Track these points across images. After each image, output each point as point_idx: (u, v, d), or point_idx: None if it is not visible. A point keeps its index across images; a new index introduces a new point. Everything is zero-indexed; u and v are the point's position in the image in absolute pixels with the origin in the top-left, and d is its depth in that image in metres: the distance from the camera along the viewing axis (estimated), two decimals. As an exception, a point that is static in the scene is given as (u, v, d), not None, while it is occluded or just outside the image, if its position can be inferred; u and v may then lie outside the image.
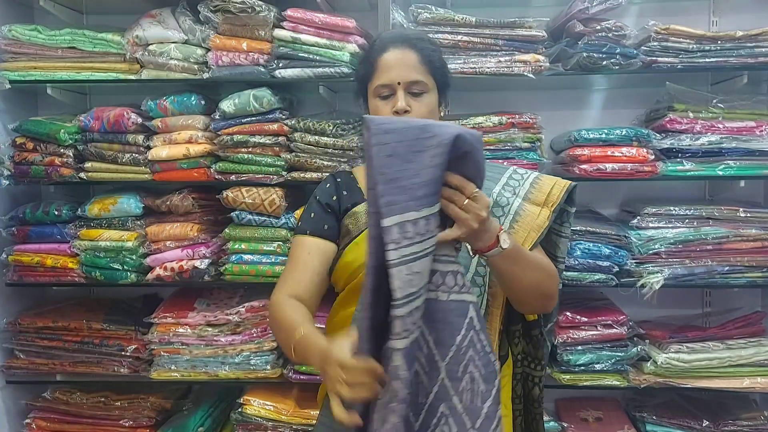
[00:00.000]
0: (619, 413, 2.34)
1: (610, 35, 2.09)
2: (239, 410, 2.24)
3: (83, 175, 2.27)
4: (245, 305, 2.22)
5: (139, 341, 2.27)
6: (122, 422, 2.28)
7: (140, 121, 2.21)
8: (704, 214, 2.18)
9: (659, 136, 2.15)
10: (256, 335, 2.22)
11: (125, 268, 2.24)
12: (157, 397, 2.35)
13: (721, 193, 2.44)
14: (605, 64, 2.08)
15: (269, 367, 2.22)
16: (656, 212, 2.19)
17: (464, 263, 1.29)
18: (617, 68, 2.09)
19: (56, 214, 2.27)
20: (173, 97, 2.21)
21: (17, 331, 2.32)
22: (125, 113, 2.20)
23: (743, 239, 2.15)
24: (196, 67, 2.19)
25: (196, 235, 2.21)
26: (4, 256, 2.28)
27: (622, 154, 2.12)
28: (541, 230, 1.36)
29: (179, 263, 2.20)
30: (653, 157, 2.13)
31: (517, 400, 1.53)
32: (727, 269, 2.14)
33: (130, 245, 2.21)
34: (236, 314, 2.22)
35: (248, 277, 2.21)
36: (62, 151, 2.24)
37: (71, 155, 2.25)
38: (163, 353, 2.24)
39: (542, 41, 2.16)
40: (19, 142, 2.28)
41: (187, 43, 2.20)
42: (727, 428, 2.19)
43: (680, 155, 2.14)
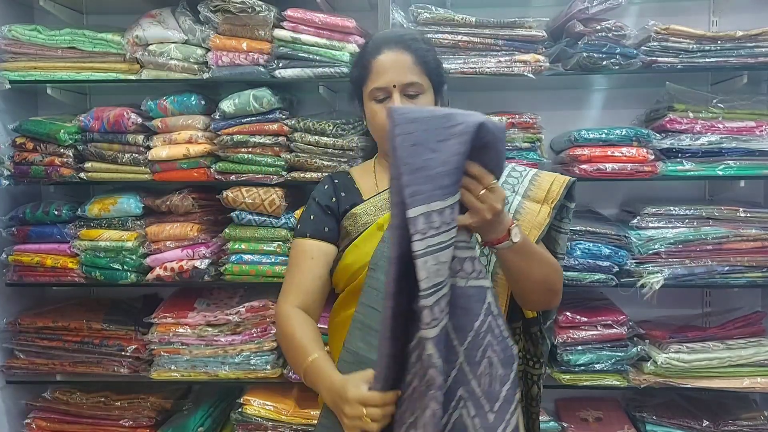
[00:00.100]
0: (619, 413, 2.34)
1: (610, 35, 2.09)
2: (239, 410, 2.24)
3: (83, 175, 2.27)
4: (245, 305, 2.22)
5: (139, 341, 2.27)
6: (122, 422, 2.28)
7: (140, 121, 2.21)
8: (704, 214, 2.18)
9: (659, 136, 2.15)
10: (256, 335, 2.22)
11: (125, 268, 2.24)
12: (157, 397, 2.35)
13: (721, 193, 2.44)
14: (605, 64, 2.08)
15: (269, 367, 2.22)
16: (656, 212, 2.19)
17: None
18: (617, 68, 2.09)
19: (56, 214, 2.27)
20: (173, 97, 2.21)
21: (17, 331, 2.32)
22: (125, 113, 2.20)
23: (743, 239, 2.15)
24: (196, 67, 2.19)
25: (196, 235, 2.21)
26: (4, 256, 2.28)
27: (622, 154, 2.12)
28: (542, 227, 1.35)
29: (179, 263, 2.20)
30: (653, 157, 2.13)
31: None
32: (727, 269, 2.14)
33: (130, 245, 2.21)
34: (236, 314, 2.22)
35: (248, 277, 2.21)
36: (62, 151, 2.24)
37: (71, 155, 2.25)
38: (163, 353, 2.24)
39: (542, 41, 2.16)
40: (19, 142, 2.28)
41: (187, 43, 2.21)
42: (727, 428, 2.19)
43: (680, 155, 2.14)
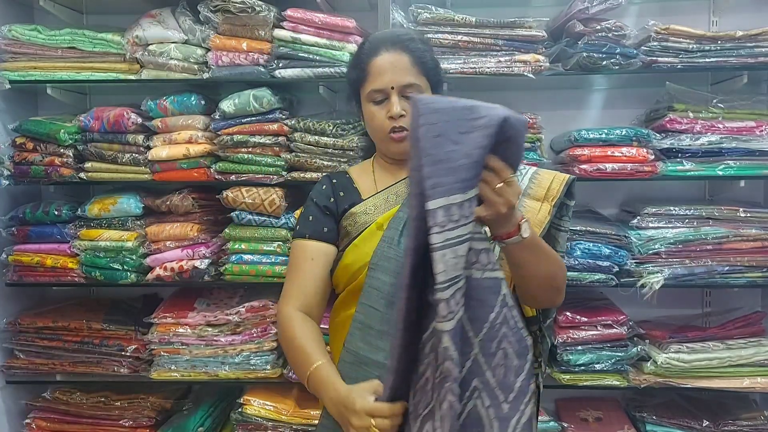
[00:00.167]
0: (619, 413, 2.34)
1: (610, 35, 2.09)
2: (239, 410, 2.24)
3: (83, 175, 2.27)
4: (245, 305, 2.22)
5: (139, 341, 2.27)
6: (122, 422, 2.28)
7: (140, 121, 2.21)
8: (704, 214, 2.18)
9: (659, 136, 2.15)
10: (256, 335, 2.22)
11: (125, 268, 2.24)
12: (157, 397, 2.35)
13: (721, 193, 2.44)
14: (605, 64, 2.08)
15: (269, 367, 2.22)
16: (656, 212, 2.19)
17: None
18: (617, 68, 2.09)
19: (56, 214, 2.27)
20: (173, 97, 2.21)
21: (17, 331, 2.32)
22: (125, 113, 2.20)
23: (743, 239, 2.15)
24: (196, 67, 2.19)
25: (196, 235, 2.21)
26: (4, 256, 2.28)
27: (622, 154, 2.12)
28: (542, 226, 1.35)
29: (179, 263, 2.20)
30: (653, 157, 2.13)
31: None
32: (727, 269, 2.14)
33: (130, 245, 2.21)
34: (236, 314, 2.21)
35: (248, 277, 2.21)
36: (62, 151, 2.24)
37: (71, 155, 2.25)
38: (163, 353, 2.24)
39: (542, 41, 2.16)
40: (19, 142, 2.29)
41: (187, 43, 2.21)
42: (727, 428, 2.19)
43: (680, 155, 2.14)
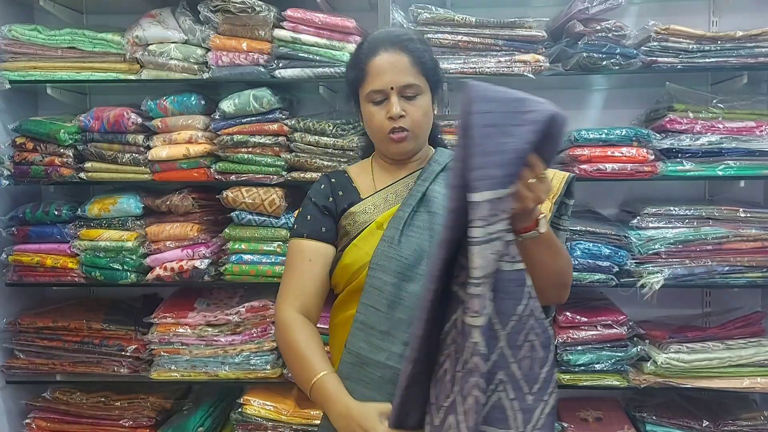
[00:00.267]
0: (619, 413, 2.34)
1: (610, 35, 2.09)
2: (239, 410, 2.24)
3: (83, 175, 2.27)
4: (245, 305, 2.22)
5: (139, 341, 2.27)
6: (122, 422, 2.28)
7: (140, 121, 2.21)
8: (704, 214, 2.18)
9: (659, 136, 2.15)
10: (256, 335, 2.22)
11: (125, 268, 2.24)
12: (157, 397, 2.35)
13: (721, 193, 2.44)
14: (605, 64, 2.08)
15: (269, 367, 2.22)
16: (656, 212, 2.19)
17: None
18: (617, 68, 2.09)
19: (56, 214, 2.27)
20: (173, 97, 2.21)
21: (17, 331, 2.32)
22: (125, 113, 2.20)
23: (743, 239, 2.15)
24: (196, 67, 2.19)
25: (196, 235, 2.21)
26: (4, 256, 2.28)
27: (622, 154, 2.12)
28: None
29: (179, 263, 2.20)
30: (653, 157, 2.13)
31: None
32: (727, 269, 2.14)
33: (130, 245, 2.21)
34: (236, 314, 2.22)
35: (248, 277, 2.21)
36: (62, 151, 2.24)
37: (71, 155, 2.25)
38: (163, 353, 2.24)
39: (542, 41, 2.16)
40: (19, 142, 2.29)
41: (187, 43, 2.21)
42: (727, 428, 2.18)
43: (680, 155, 2.14)
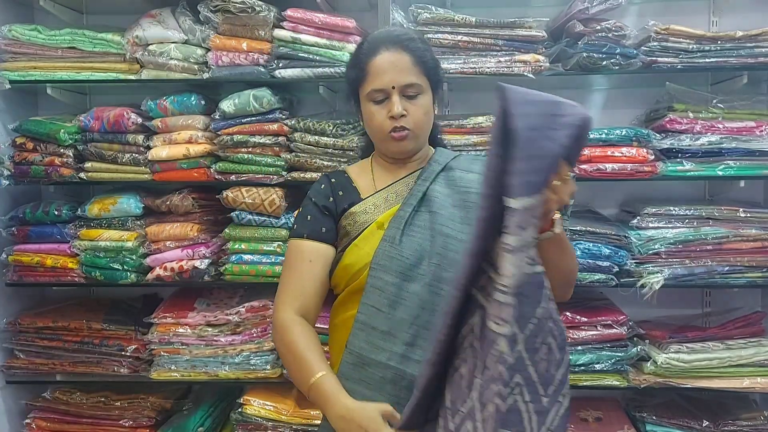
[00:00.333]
0: (619, 413, 2.34)
1: (610, 35, 2.09)
2: (239, 410, 2.24)
3: (83, 175, 2.27)
4: (245, 305, 2.22)
5: (139, 341, 2.27)
6: (122, 422, 2.28)
7: (140, 121, 2.21)
8: (704, 214, 2.18)
9: (659, 136, 2.15)
10: (256, 335, 2.22)
11: (125, 268, 2.24)
12: (157, 397, 2.35)
13: (720, 193, 2.43)
14: (605, 64, 2.08)
15: (269, 367, 2.22)
16: (656, 212, 2.19)
17: None
18: (617, 68, 2.09)
19: (56, 214, 2.27)
20: (173, 97, 2.21)
21: (17, 331, 2.32)
22: (125, 113, 2.20)
23: (743, 239, 2.15)
24: (196, 67, 2.19)
25: (196, 235, 2.21)
26: (4, 256, 2.28)
27: (622, 154, 2.12)
28: None
29: (179, 263, 2.20)
30: (653, 157, 2.13)
31: None
32: (727, 269, 2.14)
33: (130, 245, 2.21)
34: (236, 314, 2.21)
35: (248, 277, 2.21)
36: (62, 151, 2.24)
37: (71, 155, 2.25)
38: (163, 353, 2.24)
39: (542, 41, 2.16)
40: (19, 142, 2.28)
41: (187, 43, 2.21)
42: (727, 428, 2.18)
43: (680, 155, 2.14)
